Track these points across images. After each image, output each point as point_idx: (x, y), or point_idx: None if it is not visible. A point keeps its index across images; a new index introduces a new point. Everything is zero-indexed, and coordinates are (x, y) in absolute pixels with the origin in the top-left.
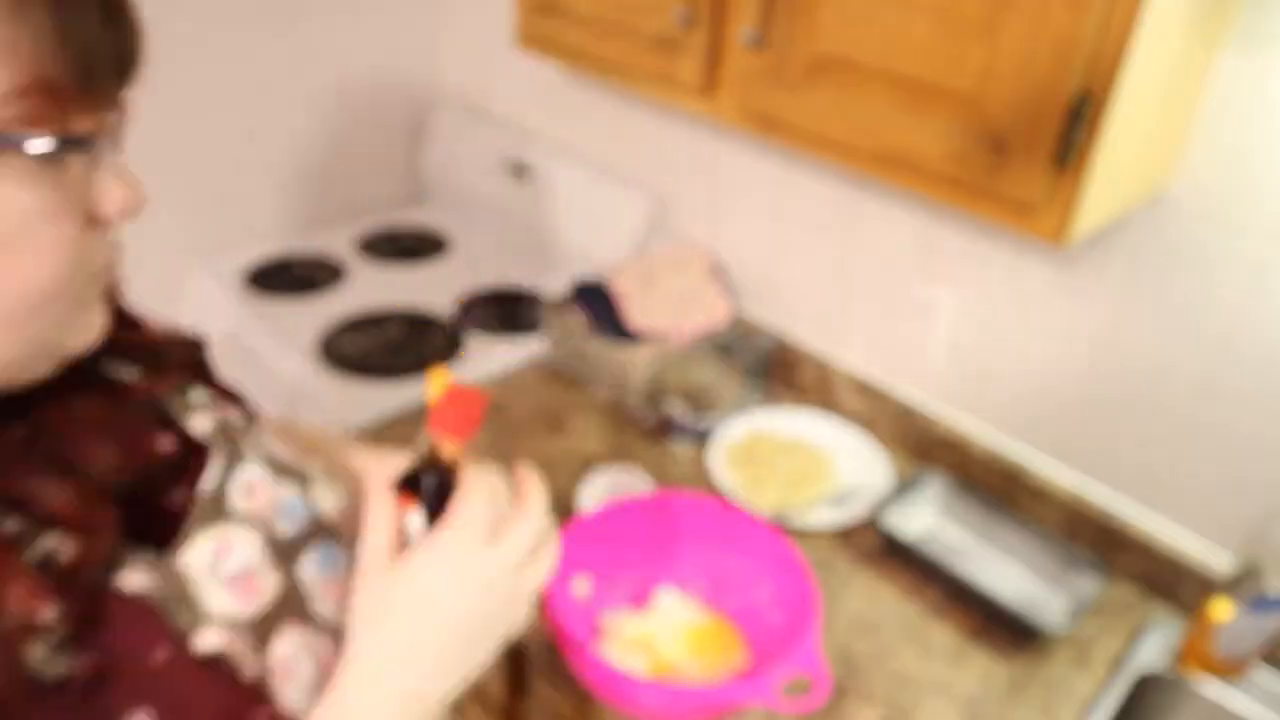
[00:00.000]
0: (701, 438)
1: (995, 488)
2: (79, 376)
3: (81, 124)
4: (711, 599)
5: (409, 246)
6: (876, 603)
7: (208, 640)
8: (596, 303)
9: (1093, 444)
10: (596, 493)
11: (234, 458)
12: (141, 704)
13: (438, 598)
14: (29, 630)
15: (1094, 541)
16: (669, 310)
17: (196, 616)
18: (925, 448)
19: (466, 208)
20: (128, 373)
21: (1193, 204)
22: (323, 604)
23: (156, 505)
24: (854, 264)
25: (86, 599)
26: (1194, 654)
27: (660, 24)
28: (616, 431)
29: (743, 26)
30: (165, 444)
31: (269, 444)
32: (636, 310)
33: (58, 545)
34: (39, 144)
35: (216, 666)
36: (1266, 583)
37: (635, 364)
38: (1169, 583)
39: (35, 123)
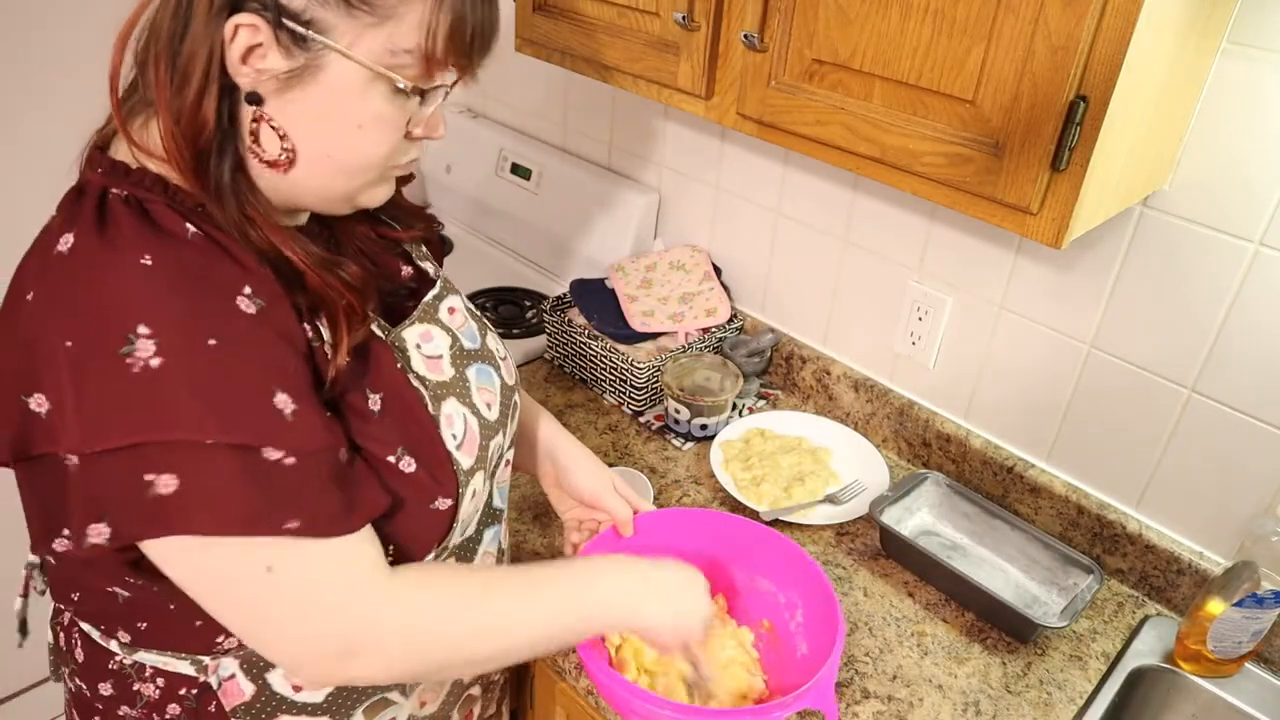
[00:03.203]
0: (701, 436)
1: (991, 486)
2: (364, 215)
3: (432, 80)
4: (741, 620)
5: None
6: (874, 600)
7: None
8: (597, 303)
9: (1087, 443)
10: None
11: (447, 289)
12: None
13: (689, 577)
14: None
15: (1090, 539)
16: (669, 310)
17: (409, 369)
18: (922, 446)
19: (467, 209)
20: (389, 224)
21: (1186, 205)
22: (475, 396)
23: (395, 308)
24: (852, 265)
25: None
26: (1188, 651)
27: (660, 26)
28: (617, 431)
29: (742, 29)
30: (406, 271)
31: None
32: (637, 310)
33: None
34: (403, 84)
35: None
36: (1260, 580)
37: (636, 363)
38: (1164, 580)
39: (407, 71)
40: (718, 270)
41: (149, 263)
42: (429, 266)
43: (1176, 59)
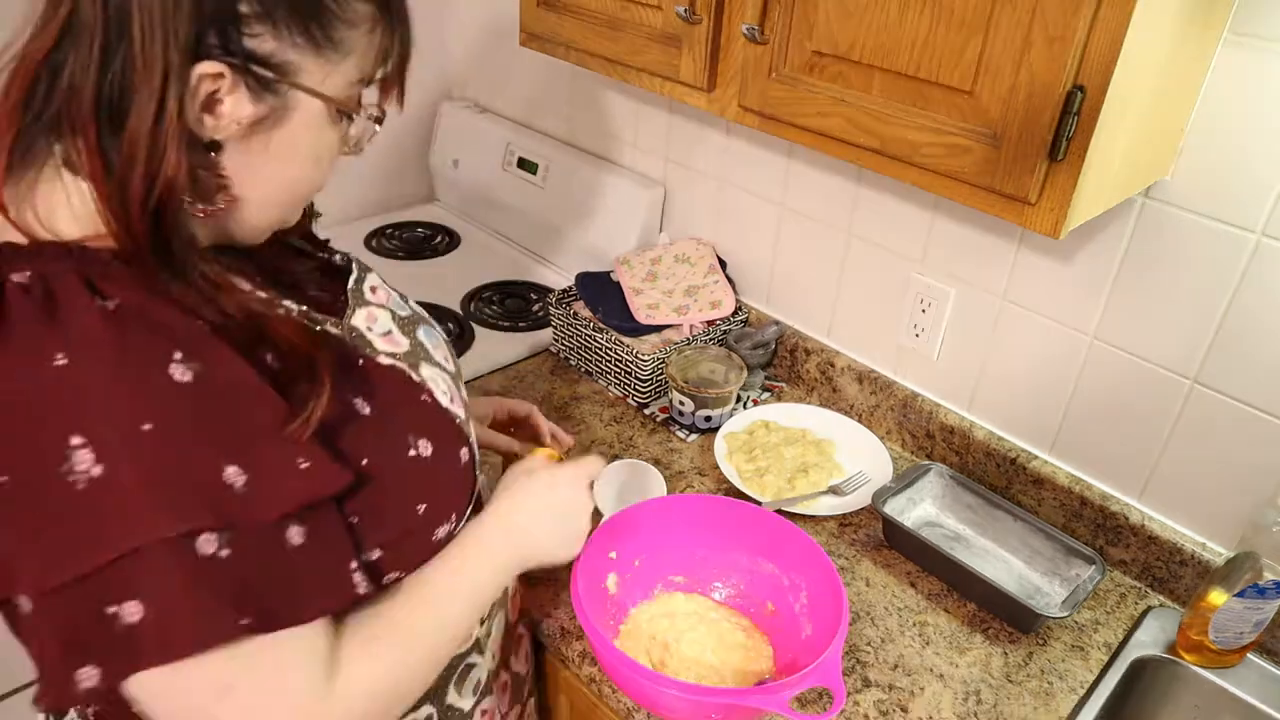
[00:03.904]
0: (705, 428)
1: (995, 477)
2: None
3: (385, 106)
4: (746, 603)
5: (417, 242)
6: (876, 590)
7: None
8: (602, 295)
9: (1089, 435)
10: (609, 485)
11: (363, 270)
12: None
13: (540, 494)
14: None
15: (1092, 530)
16: (674, 303)
17: (375, 353)
18: (925, 438)
19: (474, 203)
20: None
21: (1188, 195)
22: (435, 353)
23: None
24: (856, 257)
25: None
26: (1190, 641)
27: (662, 20)
28: (622, 423)
29: (743, 22)
30: (308, 265)
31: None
32: (642, 303)
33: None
34: (374, 113)
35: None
36: (1261, 570)
37: (641, 356)
38: (1166, 571)
39: (356, 101)
40: (722, 263)
41: (64, 363)
42: (339, 257)
43: (1176, 49)
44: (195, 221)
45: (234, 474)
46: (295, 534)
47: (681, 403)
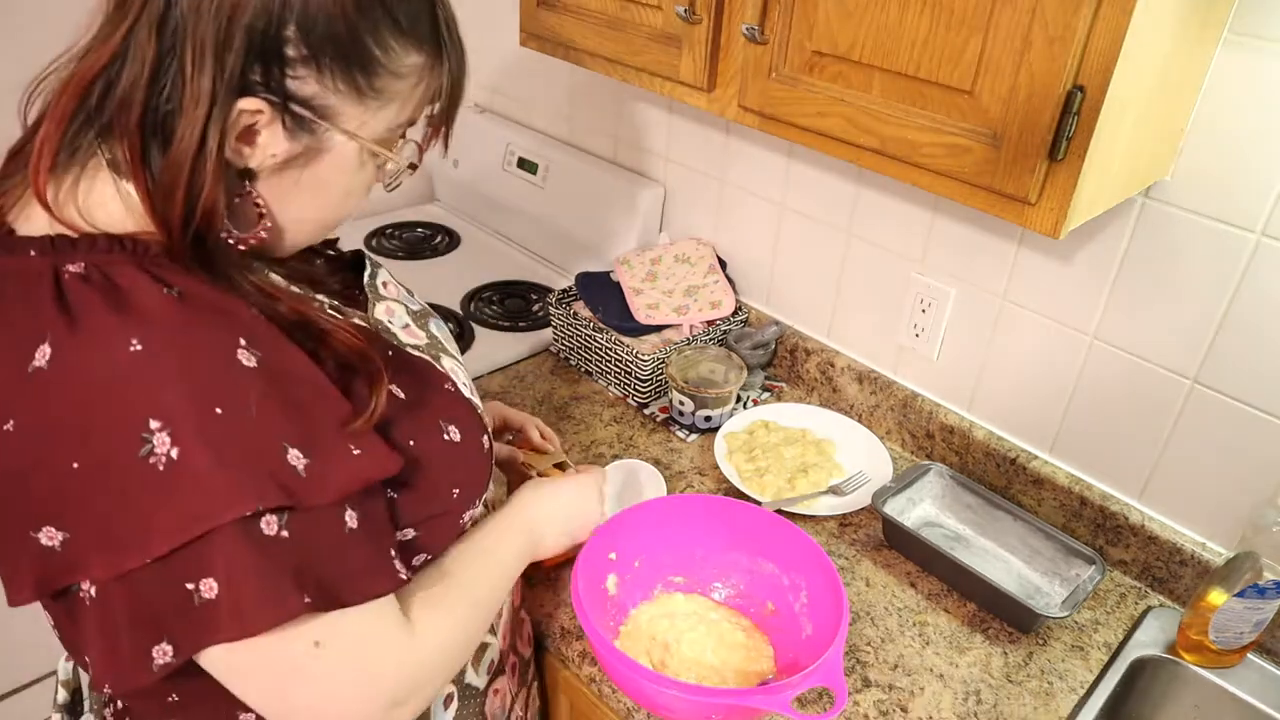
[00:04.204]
0: (705, 428)
1: (994, 477)
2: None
3: (419, 155)
4: (746, 603)
5: (417, 242)
6: (876, 590)
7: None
8: (603, 296)
9: (1089, 435)
10: (609, 485)
11: (375, 267)
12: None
13: (552, 498)
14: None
15: (1092, 530)
16: (674, 303)
17: (402, 344)
18: (925, 438)
19: (474, 203)
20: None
21: (1188, 195)
22: (450, 346)
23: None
24: (856, 257)
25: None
26: (1190, 641)
27: (662, 20)
28: (622, 423)
29: (743, 22)
30: (322, 262)
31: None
32: (642, 303)
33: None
34: (410, 157)
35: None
36: (1261, 570)
37: (641, 356)
38: (1166, 571)
39: (393, 144)
40: (722, 263)
41: (138, 348)
42: (340, 250)
43: (1176, 49)
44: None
45: (296, 456)
46: (351, 517)
47: (681, 403)
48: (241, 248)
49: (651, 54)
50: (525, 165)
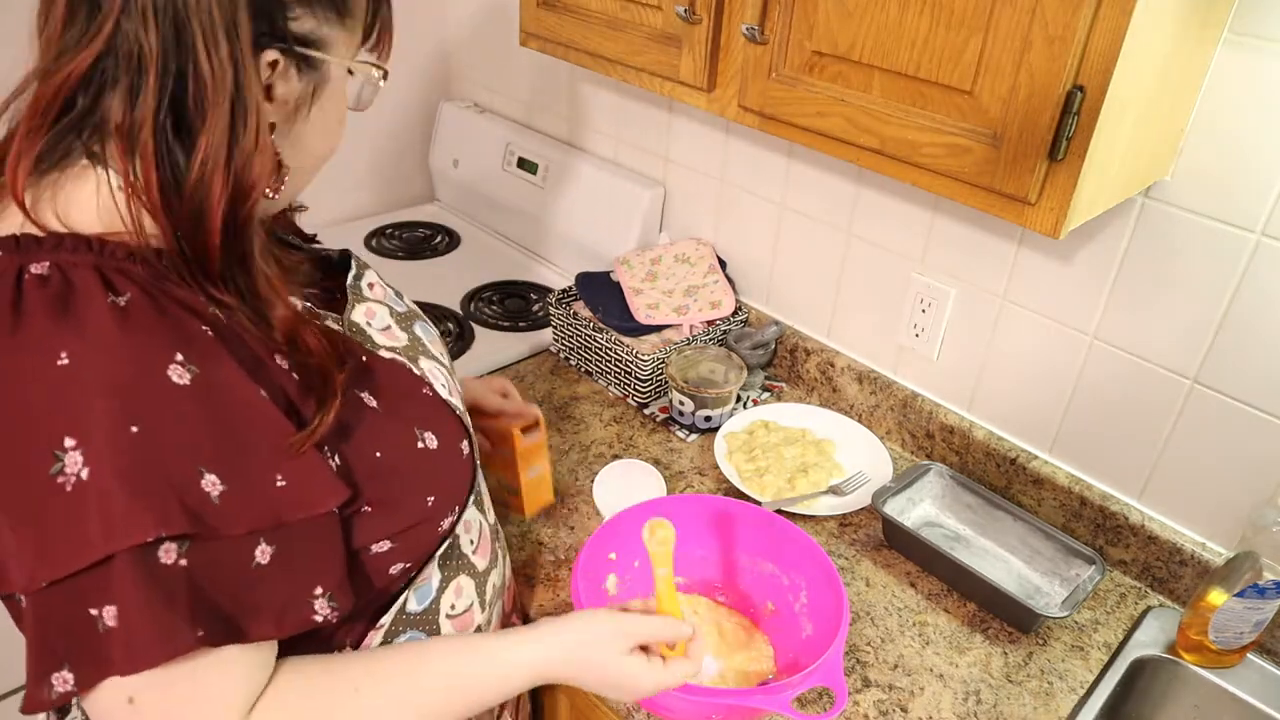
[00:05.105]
0: (705, 428)
1: (994, 477)
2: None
3: (386, 62)
4: (746, 603)
5: (417, 242)
6: (876, 590)
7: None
8: (603, 296)
9: (1089, 435)
10: (608, 485)
11: (361, 267)
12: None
13: (612, 663)
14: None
15: (1092, 530)
16: (674, 303)
17: (376, 348)
18: (925, 438)
19: (474, 203)
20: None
21: (1188, 195)
22: (432, 348)
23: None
24: (856, 257)
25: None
26: (1190, 641)
27: (662, 20)
28: (622, 423)
29: (743, 22)
30: (307, 260)
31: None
32: (642, 303)
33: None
34: (377, 75)
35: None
36: (1261, 570)
37: (641, 356)
38: (1166, 571)
39: (372, 59)
40: (722, 263)
41: (66, 363)
42: (324, 248)
43: (1176, 49)
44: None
45: (212, 482)
46: (262, 552)
47: (681, 403)
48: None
49: (651, 54)
50: (525, 165)
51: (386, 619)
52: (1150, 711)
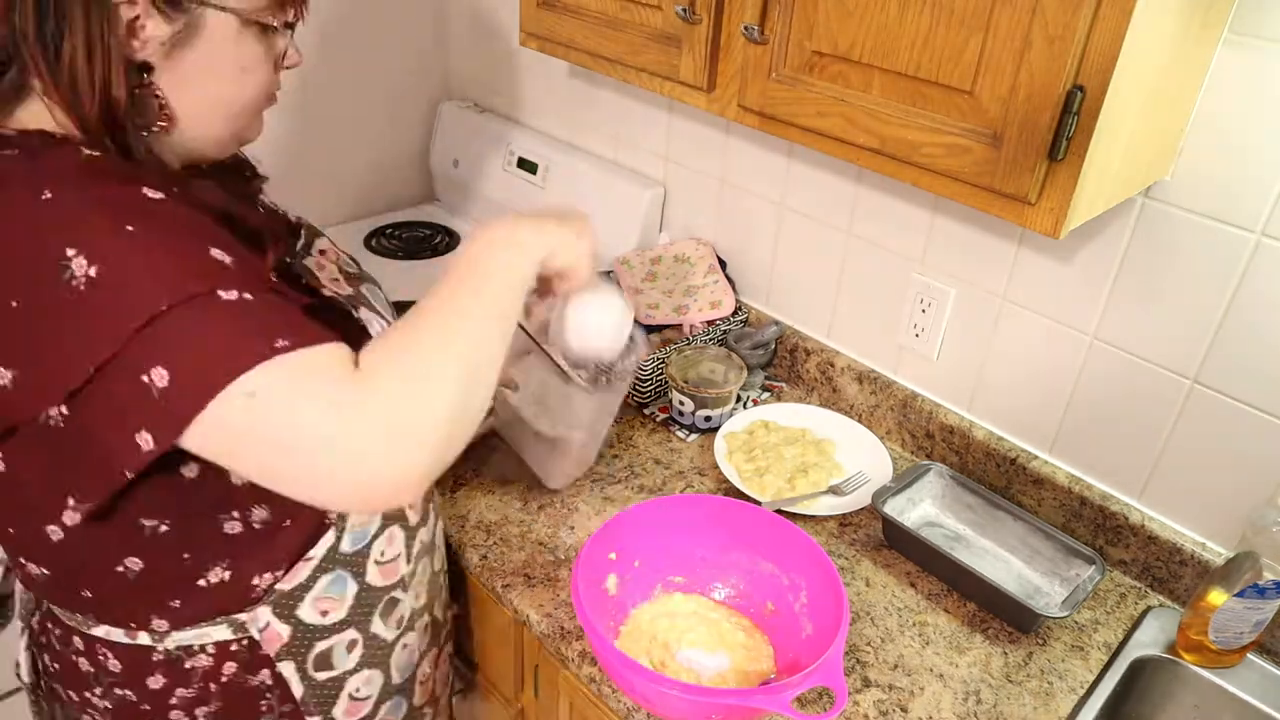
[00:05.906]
0: (705, 428)
1: (994, 477)
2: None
3: (285, 13)
4: (746, 603)
5: (417, 242)
6: (876, 590)
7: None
8: None
9: (1089, 435)
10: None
11: (313, 234)
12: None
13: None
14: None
15: (1092, 530)
16: (674, 303)
17: (321, 285)
18: (925, 438)
19: (474, 203)
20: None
21: (1188, 195)
22: (380, 307)
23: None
24: (856, 257)
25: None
26: (1190, 641)
27: (662, 20)
28: (622, 423)
29: (743, 22)
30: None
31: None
32: (642, 303)
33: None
34: (273, 23)
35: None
36: (1261, 570)
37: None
38: (1166, 571)
39: (272, 12)
40: (722, 263)
41: (49, 196)
42: (282, 212)
43: (1176, 49)
44: (156, 143)
45: (220, 254)
46: (294, 298)
47: (681, 403)
48: (166, 157)
49: (651, 54)
50: (525, 165)
51: (317, 552)
52: (1150, 711)
